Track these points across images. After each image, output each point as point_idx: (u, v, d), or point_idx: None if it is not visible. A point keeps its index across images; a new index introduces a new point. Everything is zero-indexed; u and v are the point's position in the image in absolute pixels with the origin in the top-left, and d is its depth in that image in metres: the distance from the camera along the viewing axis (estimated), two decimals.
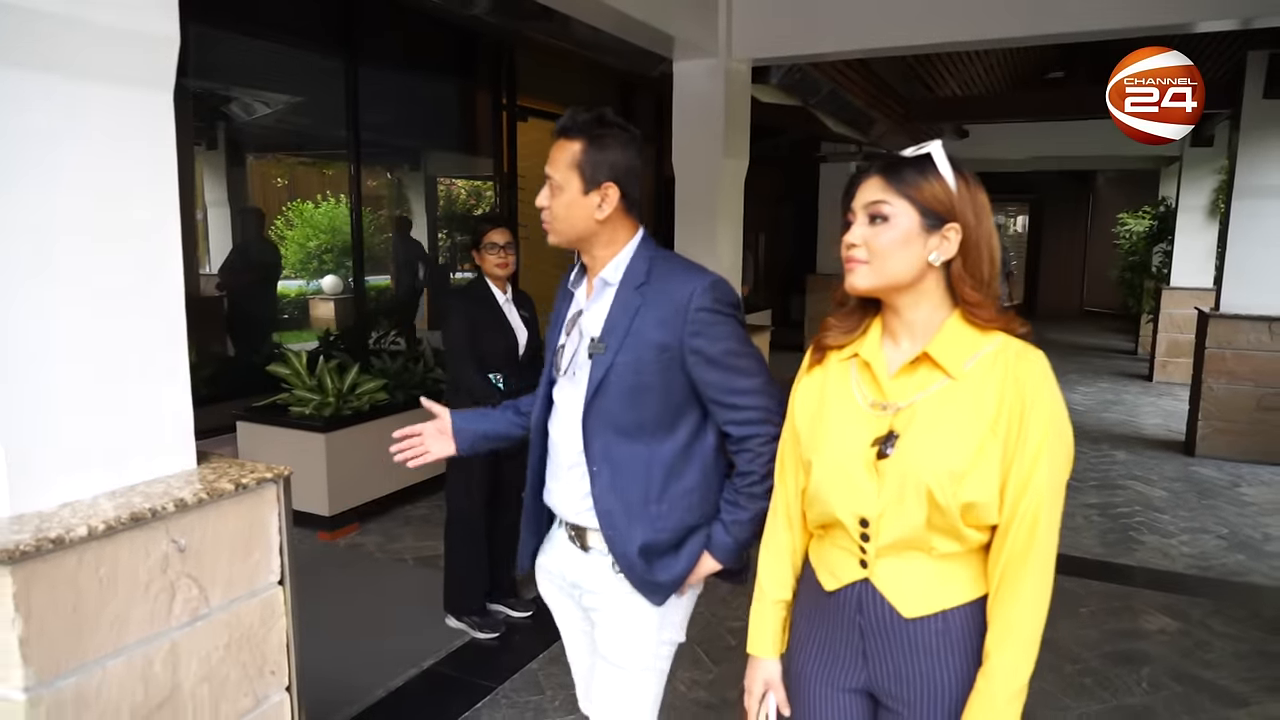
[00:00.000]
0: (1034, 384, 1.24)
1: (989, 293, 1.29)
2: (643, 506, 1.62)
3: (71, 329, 1.62)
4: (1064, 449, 1.26)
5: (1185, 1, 3.80)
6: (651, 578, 1.63)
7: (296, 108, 6.02)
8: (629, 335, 1.59)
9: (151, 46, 1.72)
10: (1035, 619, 1.24)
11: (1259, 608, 3.75)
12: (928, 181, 1.27)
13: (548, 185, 1.66)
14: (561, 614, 1.87)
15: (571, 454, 1.69)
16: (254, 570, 1.89)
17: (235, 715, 1.85)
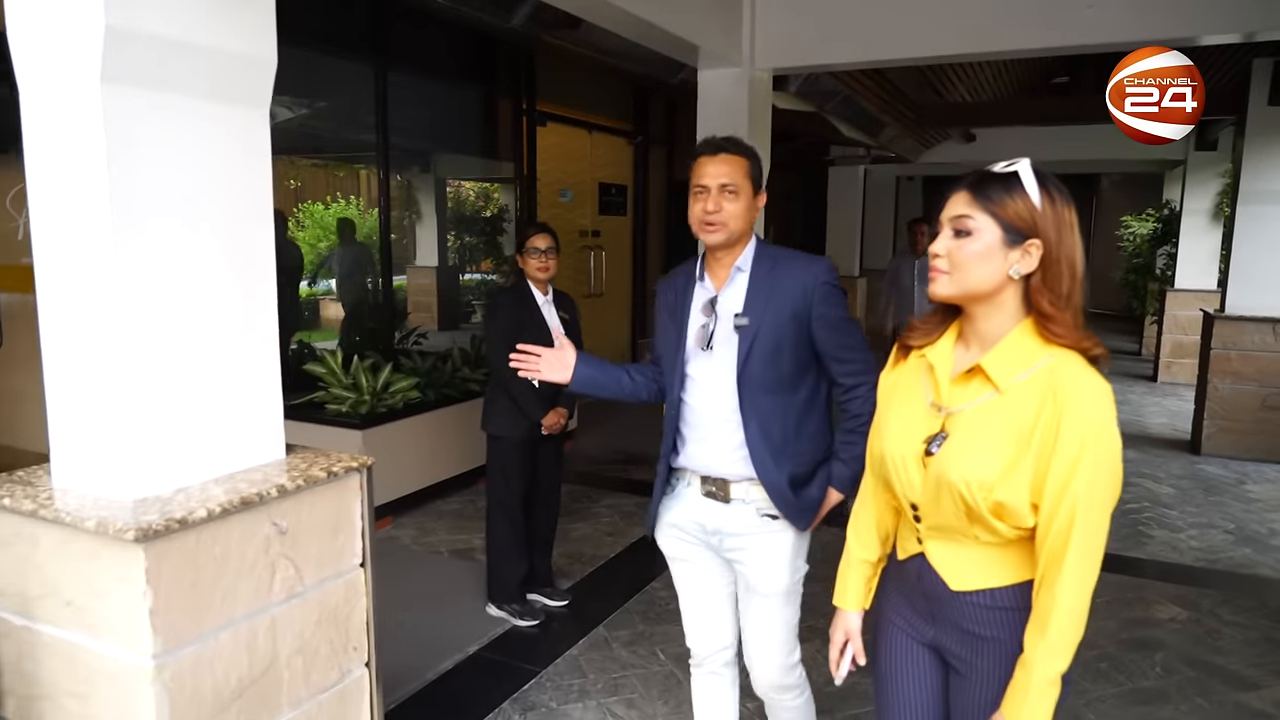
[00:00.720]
0: (1073, 397, 1.29)
1: (1067, 306, 1.34)
2: (783, 446, 2.00)
3: (181, 333, 1.77)
4: (1106, 461, 1.30)
5: (1190, 15, 3.94)
6: (799, 503, 2.01)
7: (320, 112, 6.16)
8: (767, 309, 1.97)
9: (251, 67, 1.86)
10: (1068, 618, 1.30)
11: (1266, 598, 3.90)
12: (1012, 198, 1.34)
13: (719, 193, 1.97)
14: (689, 565, 2.17)
15: (721, 413, 2.02)
16: (340, 552, 2.03)
17: (323, 687, 2.00)
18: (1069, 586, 1.30)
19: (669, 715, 2.87)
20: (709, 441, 2.05)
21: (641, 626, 3.50)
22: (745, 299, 2.00)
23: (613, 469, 5.80)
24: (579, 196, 7.77)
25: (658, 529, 2.18)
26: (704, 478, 2.07)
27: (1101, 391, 1.31)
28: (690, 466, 2.09)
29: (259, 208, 1.93)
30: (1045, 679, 1.32)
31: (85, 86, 1.59)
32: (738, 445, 2.01)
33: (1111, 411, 1.32)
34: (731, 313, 2.00)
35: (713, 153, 2.01)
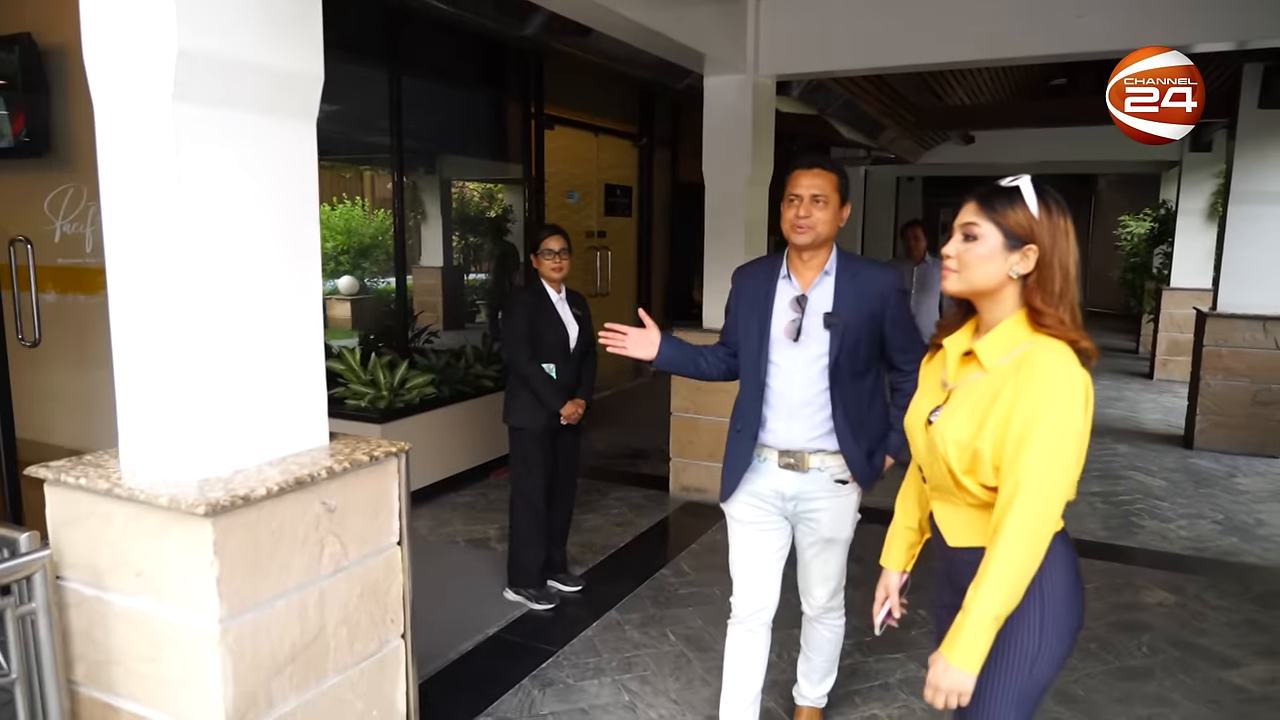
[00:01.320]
0: (1034, 372, 1.48)
1: (1060, 303, 1.53)
2: (860, 423, 2.38)
3: (240, 327, 1.93)
4: (1057, 439, 1.46)
5: (1180, 24, 4.09)
6: (870, 468, 2.41)
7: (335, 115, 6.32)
8: (853, 309, 2.33)
9: (302, 82, 2.03)
10: (1009, 567, 1.48)
11: (1250, 584, 4.06)
12: (1013, 209, 1.55)
13: (810, 202, 2.31)
14: (755, 529, 2.48)
15: (807, 396, 2.36)
16: (380, 531, 2.20)
17: (365, 655, 2.17)
18: (1006, 544, 1.48)
19: (680, 690, 3.04)
20: (794, 420, 2.38)
21: (652, 610, 3.66)
22: (834, 299, 2.35)
23: (622, 464, 5.97)
24: (585, 198, 7.93)
25: (732, 497, 2.48)
26: (781, 451, 2.39)
27: (1065, 376, 1.48)
28: (769, 443, 2.41)
29: (308, 209, 2.10)
30: (977, 620, 1.49)
31: (158, 104, 1.75)
32: (822, 422, 2.36)
33: (1072, 395, 1.48)
34: (821, 310, 2.35)
35: (807, 167, 2.35)
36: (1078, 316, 1.56)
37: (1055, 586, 1.59)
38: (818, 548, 2.49)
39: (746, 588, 2.53)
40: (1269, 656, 3.34)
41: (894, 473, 2.39)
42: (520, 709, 2.91)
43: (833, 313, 2.33)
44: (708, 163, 4.92)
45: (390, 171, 5.70)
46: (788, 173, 2.39)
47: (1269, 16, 3.98)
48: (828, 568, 2.53)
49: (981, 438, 1.53)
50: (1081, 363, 1.53)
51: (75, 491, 1.91)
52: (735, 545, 2.54)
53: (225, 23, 1.81)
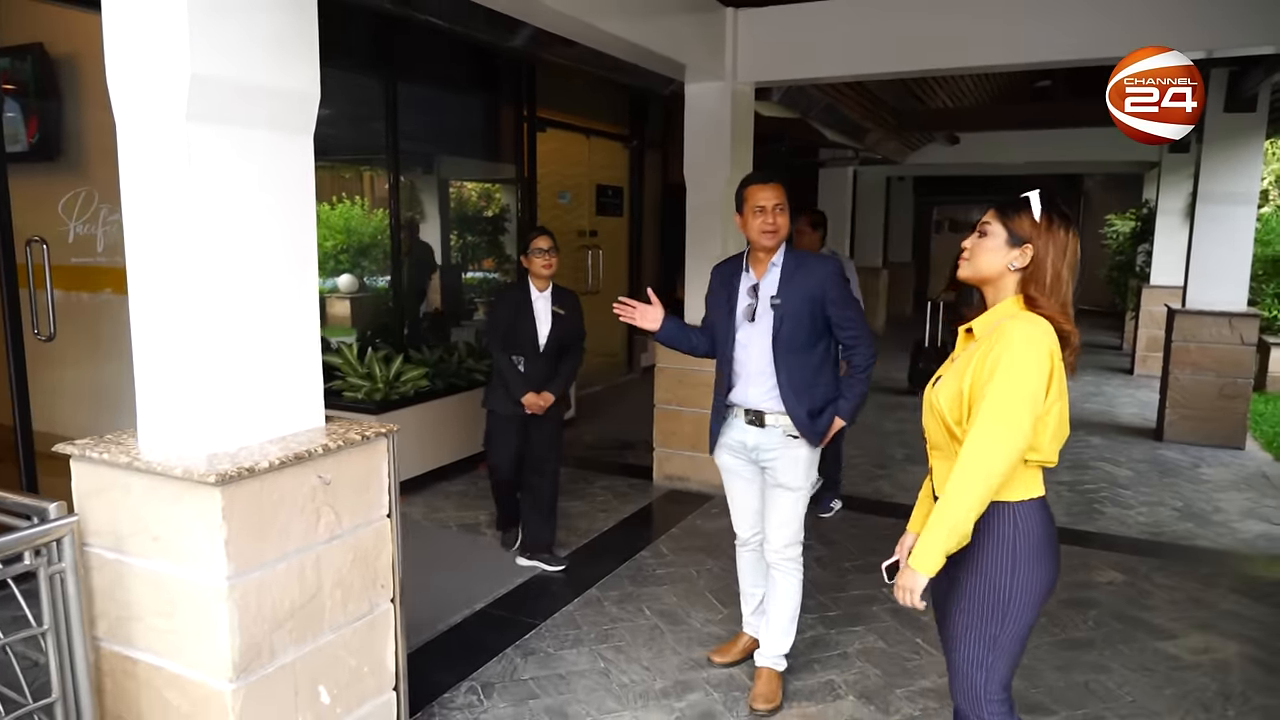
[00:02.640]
0: (1005, 343, 1.78)
1: (1051, 295, 1.84)
2: (804, 389, 2.86)
3: (246, 320, 2.17)
4: (1011, 379, 1.75)
5: (1153, 34, 4.26)
6: (814, 429, 2.88)
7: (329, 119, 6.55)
8: (794, 294, 2.84)
9: (301, 101, 2.27)
10: (963, 489, 1.76)
11: (1198, 565, 4.29)
12: (1020, 215, 1.89)
13: (776, 210, 2.86)
14: (740, 474, 3.05)
15: (760, 365, 2.88)
16: (371, 504, 2.43)
17: (357, 616, 2.40)
18: (961, 470, 1.78)
19: (652, 659, 3.27)
20: (751, 385, 2.91)
21: (630, 588, 3.90)
22: (779, 286, 2.87)
23: (609, 454, 6.20)
24: (577, 198, 8.16)
25: (716, 449, 3.05)
26: (746, 410, 2.94)
27: (1027, 336, 1.78)
28: (738, 402, 2.96)
29: (306, 214, 2.33)
30: (932, 529, 1.81)
31: (173, 122, 1.99)
32: (771, 387, 2.88)
33: (1028, 352, 1.76)
34: (769, 295, 2.87)
35: (765, 182, 2.91)
36: (1069, 311, 1.86)
37: (1029, 540, 1.84)
38: (775, 493, 2.97)
39: (741, 518, 3.14)
40: (1205, 629, 3.58)
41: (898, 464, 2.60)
42: (503, 674, 3.15)
43: (776, 296, 2.87)
44: (689, 166, 5.15)
45: (387, 172, 5.93)
46: (743, 187, 2.94)
47: (1235, 26, 4.18)
48: (782, 512, 2.97)
49: (960, 394, 1.85)
50: (1062, 344, 1.82)
51: (98, 466, 2.15)
52: (726, 488, 3.13)
53: (234, 49, 2.04)
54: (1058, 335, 1.84)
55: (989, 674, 1.91)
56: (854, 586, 3.94)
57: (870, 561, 4.22)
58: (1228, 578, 4.13)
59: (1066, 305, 1.86)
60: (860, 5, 4.72)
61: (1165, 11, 4.28)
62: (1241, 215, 6.58)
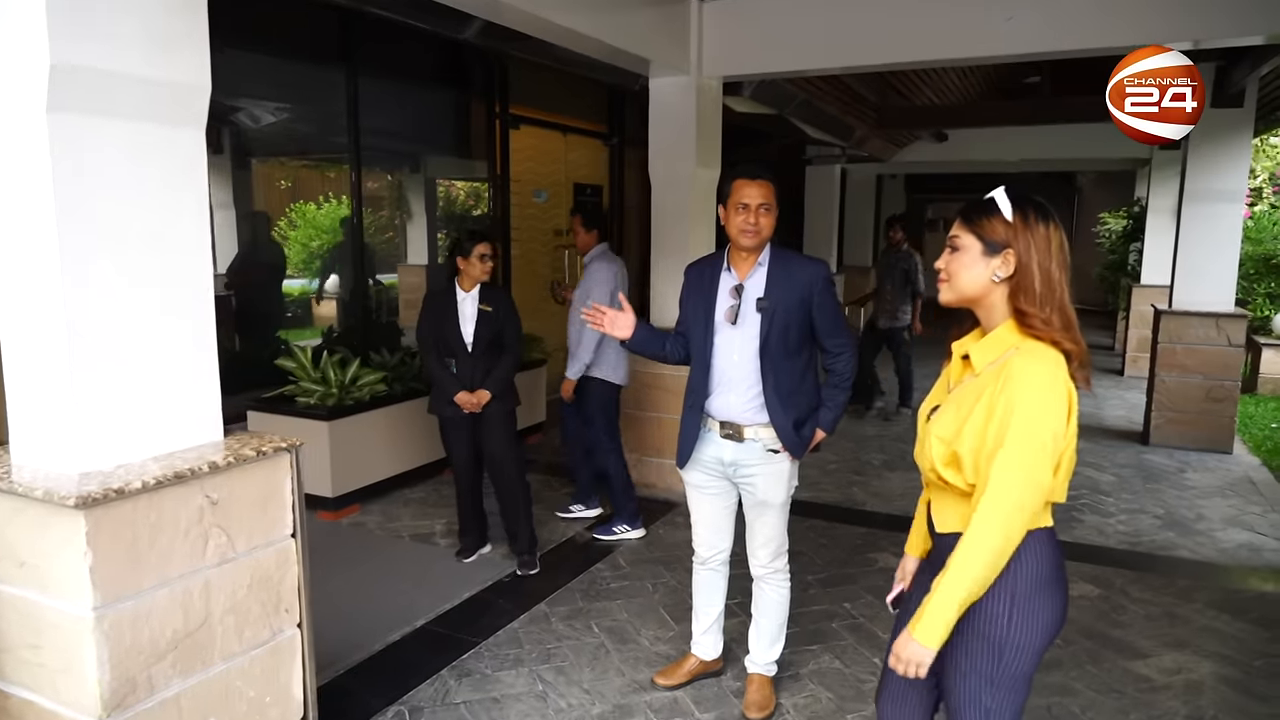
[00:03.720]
0: (1017, 386, 1.57)
1: (1043, 305, 1.62)
2: (789, 397, 2.69)
3: (124, 329, 2.01)
4: (1024, 438, 1.55)
5: (1139, 26, 4.10)
6: (799, 439, 2.71)
7: (300, 115, 6.40)
8: (783, 296, 2.66)
9: (187, 92, 2.10)
10: (974, 558, 1.57)
11: (1176, 577, 4.13)
12: (989, 218, 1.67)
13: (760, 210, 2.65)
14: (708, 490, 2.87)
15: (742, 373, 2.69)
16: (271, 524, 2.27)
17: (256, 643, 2.25)
18: (974, 536, 1.58)
19: (593, 680, 3.12)
20: (731, 394, 2.72)
21: (581, 603, 3.74)
22: (765, 287, 2.68)
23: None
24: (553, 197, 8.00)
25: (686, 465, 2.85)
26: (722, 423, 2.74)
27: (1043, 381, 1.57)
28: (714, 414, 2.76)
29: (196, 212, 2.17)
30: (939, 602, 1.59)
31: (34, 116, 1.83)
32: (755, 396, 2.69)
33: (1047, 400, 1.56)
34: (755, 297, 2.68)
35: (753, 177, 2.68)
36: (1069, 317, 1.64)
37: (1028, 580, 1.64)
38: (756, 510, 2.82)
39: (704, 537, 2.98)
40: (1178, 648, 3.42)
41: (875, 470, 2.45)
42: (434, 698, 2.99)
43: (764, 298, 2.67)
44: (654, 163, 4.99)
45: (349, 170, 5.77)
46: (730, 179, 2.71)
47: (1223, 16, 4.01)
48: (767, 529, 2.84)
49: (961, 439, 1.63)
50: (1068, 365, 1.61)
51: None
52: (691, 504, 2.96)
53: (104, 38, 1.88)
54: (1065, 355, 1.62)
55: (988, 717, 1.71)
56: (817, 602, 3.79)
57: (837, 574, 4.07)
58: (1206, 591, 3.96)
59: (1066, 311, 1.64)
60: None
61: (1151, 1, 4.11)
62: (1229, 214, 6.42)
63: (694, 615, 3.11)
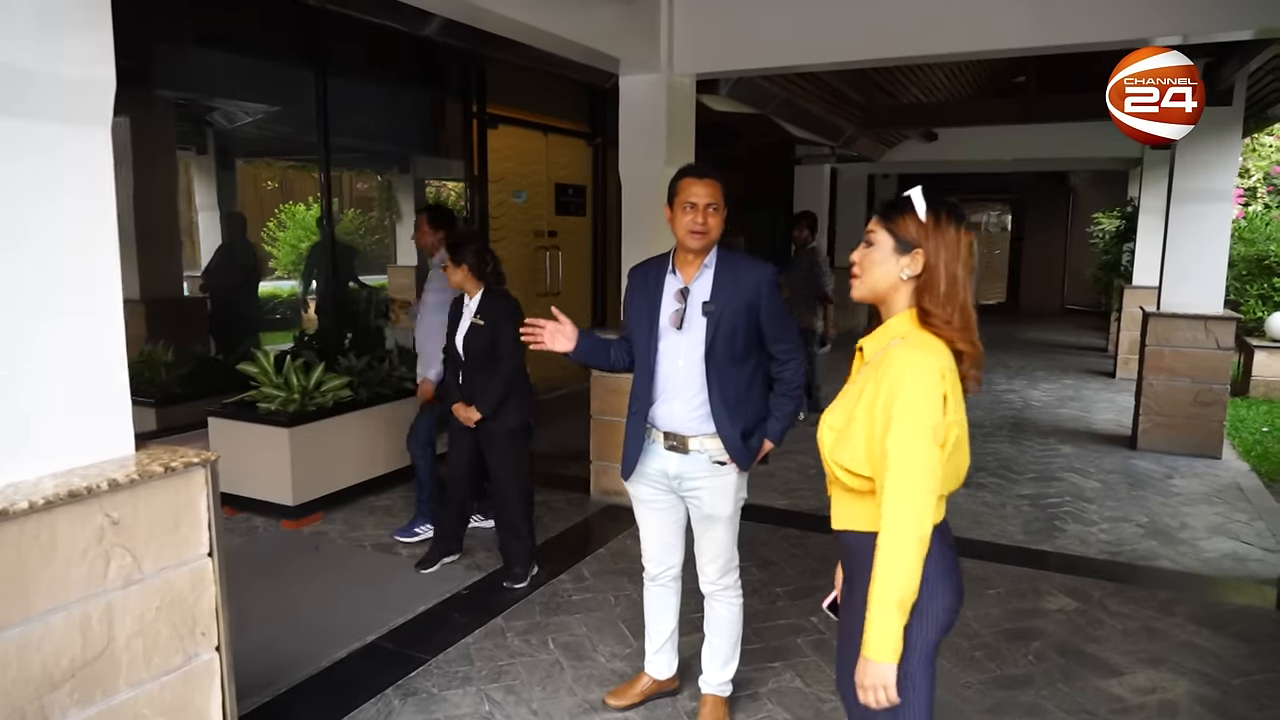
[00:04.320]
0: (896, 375, 1.62)
1: (945, 305, 1.67)
2: (736, 406, 2.57)
3: (21, 336, 1.89)
4: (905, 429, 1.59)
5: (1125, 20, 3.98)
6: (746, 450, 2.59)
7: (277, 116, 6.29)
8: (729, 299, 2.54)
9: (88, 88, 1.99)
10: (892, 556, 1.59)
11: (1157, 589, 4.01)
12: (903, 217, 1.71)
13: (708, 209, 2.53)
14: (654, 505, 2.76)
15: (687, 380, 2.57)
16: (184, 543, 2.15)
17: (166, 669, 2.12)
18: (886, 534, 1.61)
19: (543, 700, 3.00)
20: (675, 402, 2.59)
21: (540, 618, 3.62)
22: (711, 290, 2.56)
23: (555, 466, 5.92)
24: (534, 197, 7.88)
25: (631, 477, 2.72)
26: (666, 433, 2.62)
27: (916, 368, 1.61)
28: (658, 424, 2.64)
29: (100, 214, 2.06)
30: (877, 610, 1.60)
31: None
32: (700, 405, 2.57)
33: (922, 388, 1.60)
34: (700, 300, 2.55)
35: (699, 177, 2.57)
36: (969, 319, 1.69)
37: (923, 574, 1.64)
38: (703, 525, 2.71)
39: (652, 553, 2.85)
40: (1154, 665, 3.30)
41: None
42: (375, 719, 2.87)
43: (710, 301, 2.55)
44: (624, 164, 4.88)
45: (318, 170, 5.65)
46: (677, 179, 2.60)
47: (1210, 9, 3.89)
48: (715, 545, 2.72)
49: (851, 429, 1.68)
50: (960, 364, 1.67)
51: None
52: (638, 519, 2.84)
53: None
54: (955, 354, 1.68)
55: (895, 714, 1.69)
56: (783, 615, 3.67)
57: (806, 586, 3.95)
58: (1186, 604, 3.84)
59: (967, 311, 1.69)
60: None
61: None
62: (1217, 214, 6.29)
63: (646, 634, 3.00)
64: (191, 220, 6.54)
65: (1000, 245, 17.81)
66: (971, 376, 1.72)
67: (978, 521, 4.87)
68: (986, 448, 6.52)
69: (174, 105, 5.77)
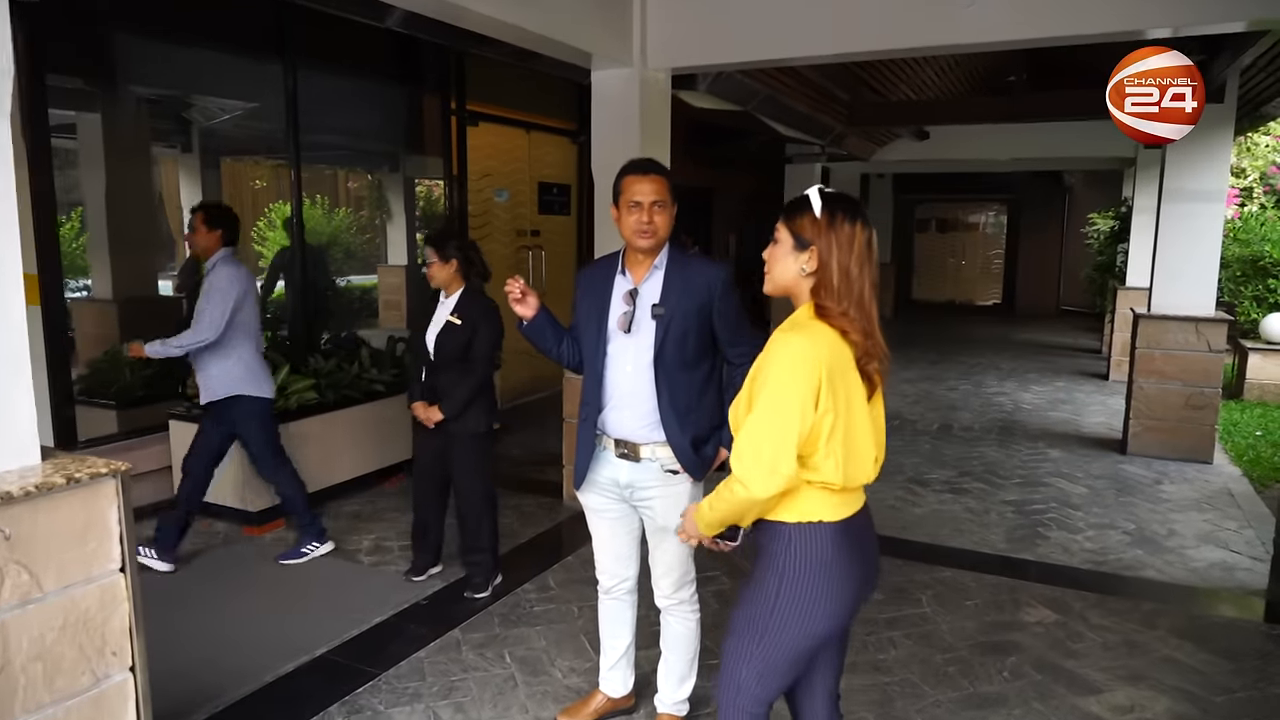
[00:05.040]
0: (769, 354, 1.77)
1: (842, 299, 1.77)
2: (687, 413, 2.46)
3: None
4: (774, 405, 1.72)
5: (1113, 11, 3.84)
6: (698, 459, 2.48)
7: (255, 113, 6.17)
8: (679, 302, 2.42)
9: None
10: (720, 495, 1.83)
11: (1141, 600, 3.88)
12: (801, 215, 1.81)
13: (654, 207, 2.41)
14: (606, 514, 2.64)
15: (637, 385, 2.45)
16: (91, 558, 2.02)
17: (72, 693, 1.99)
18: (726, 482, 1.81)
19: (494, 718, 2.87)
20: (625, 409, 2.48)
21: (498, 629, 3.49)
22: (661, 292, 2.44)
23: (528, 470, 5.81)
24: (517, 196, 7.75)
25: (582, 486, 2.61)
26: (617, 440, 2.50)
27: (790, 352, 1.73)
28: (606, 432, 2.52)
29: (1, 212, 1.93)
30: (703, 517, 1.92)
31: None
32: (649, 411, 2.45)
33: (785, 360, 1.72)
34: (650, 302, 2.44)
35: (642, 173, 2.44)
36: (868, 312, 1.79)
37: (801, 564, 1.80)
38: (657, 537, 2.59)
39: (605, 565, 2.74)
40: (1135, 681, 3.17)
41: None
42: None
43: (659, 304, 2.44)
44: (596, 162, 4.76)
45: (288, 167, 5.53)
46: (620, 176, 2.49)
47: (1202, 1, 3.75)
48: (668, 557, 2.60)
49: (739, 414, 1.82)
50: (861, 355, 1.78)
51: None
52: (591, 529, 2.73)
53: None
54: (851, 345, 1.78)
55: (739, 687, 1.90)
56: None
57: None
58: (1170, 616, 3.71)
59: (865, 305, 1.79)
60: None
61: None
62: (1209, 213, 6.16)
63: (601, 650, 2.87)
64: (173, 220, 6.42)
65: (996, 246, 17.69)
66: (874, 369, 1.82)
67: (959, 529, 4.74)
68: (973, 452, 6.39)
69: (146, 101, 5.65)
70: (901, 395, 8.46)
